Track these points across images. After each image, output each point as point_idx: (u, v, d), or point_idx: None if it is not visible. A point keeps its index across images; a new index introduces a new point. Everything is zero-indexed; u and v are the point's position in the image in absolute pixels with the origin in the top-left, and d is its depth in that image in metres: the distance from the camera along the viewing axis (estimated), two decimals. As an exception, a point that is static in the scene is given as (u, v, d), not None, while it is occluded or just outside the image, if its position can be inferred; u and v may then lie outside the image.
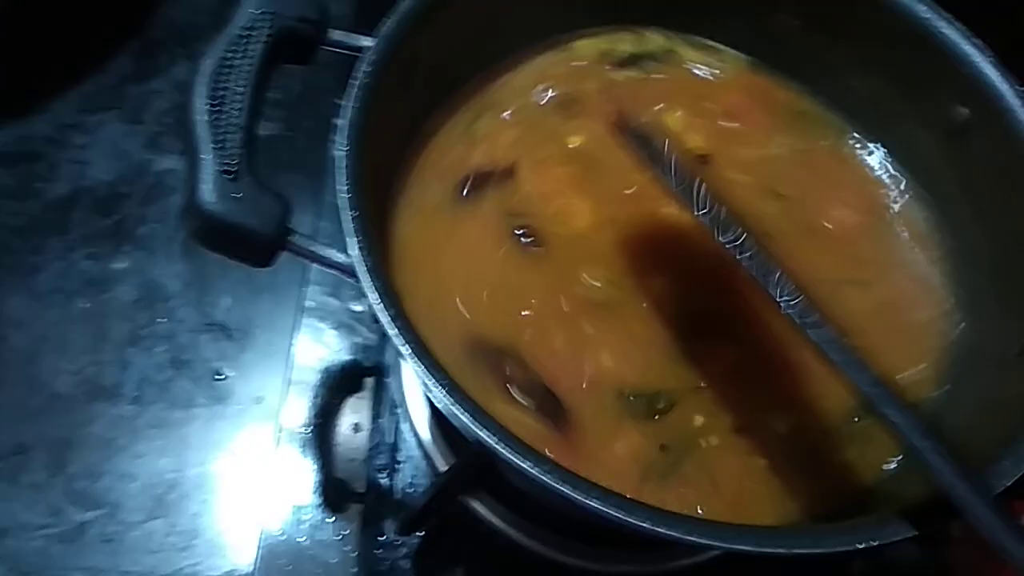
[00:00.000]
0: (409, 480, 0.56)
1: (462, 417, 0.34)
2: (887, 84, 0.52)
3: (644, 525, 0.33)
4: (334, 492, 0.55)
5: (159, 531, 0.56)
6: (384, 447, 0.57)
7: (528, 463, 0.34)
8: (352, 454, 0.58)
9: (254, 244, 0.37)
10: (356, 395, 0.60)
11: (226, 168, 0.36)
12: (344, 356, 0.61)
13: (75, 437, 0.59)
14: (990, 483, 0.36)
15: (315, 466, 0.57)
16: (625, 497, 0.34)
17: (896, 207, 0.53)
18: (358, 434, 0.58)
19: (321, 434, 0.58)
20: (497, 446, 0.34)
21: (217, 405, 0.61)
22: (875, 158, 0.54)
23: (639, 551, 0.54)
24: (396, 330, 0.36)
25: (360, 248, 0.37)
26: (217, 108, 0.37)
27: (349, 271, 0.38)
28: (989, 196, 0.47)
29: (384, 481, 0.56)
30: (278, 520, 0.55)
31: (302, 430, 0.58)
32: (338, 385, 0.60)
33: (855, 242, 0.51)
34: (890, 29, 0.50)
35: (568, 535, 0.53)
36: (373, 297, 0.36)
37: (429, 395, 0.36)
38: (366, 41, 0.43)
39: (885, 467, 0.44)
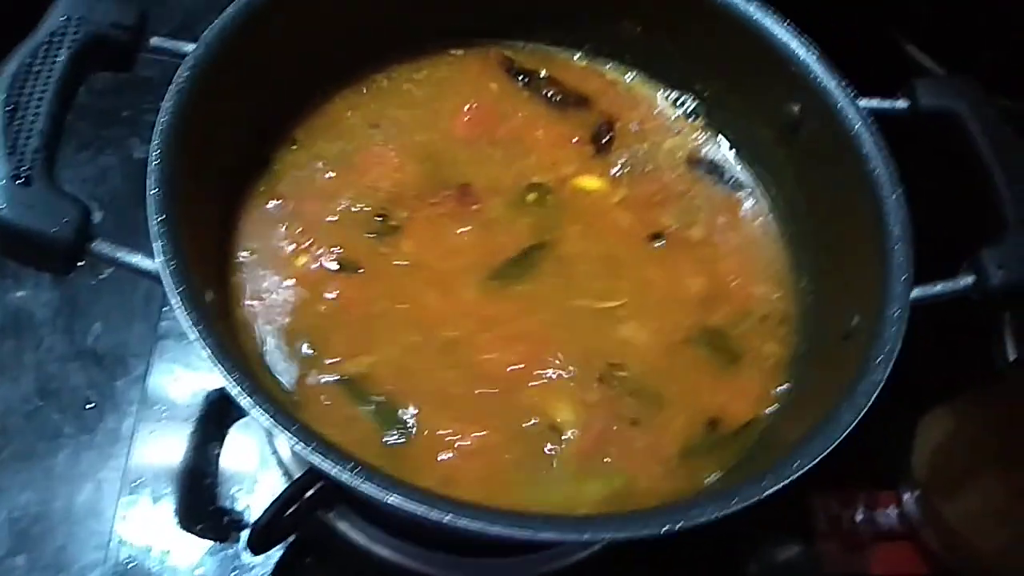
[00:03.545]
0: (268, 501, 0.54)
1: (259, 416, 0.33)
2: (727, 85, 0.53)
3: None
4: (191, 517, 0.53)
5: (21, 567, 0.54)
6: (244, 468, 0.56)
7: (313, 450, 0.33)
8: (211, 477, 0.56)
9: (48, 251, 0.36)
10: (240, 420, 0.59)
11: (18, 174, 0.36)
12: (204, 380, 0.59)
13: (-66, 473, 0.56)
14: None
15: (172, 492, 0.55)
16: (430, 494, 0.34)
17: (745, 201, 0.54)
18: (218, 457, 0.56)
19: (185, 460, 0.56)
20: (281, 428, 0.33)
21: (84, 435, 0.59)
22: (721, 153, 0.55)
23: (511, 556, 0.53)
24: (197, 333, 0.35)
25: (165, 254, 0.36)
26: (11, 113, 0.36)
27: (157, 277, 0.37)
28: (820, 187, 0.48)
29: (242, 503, 0.54)
30: (131, 549, 0.53)
31: (159, 458, 0.56)
32: (208, 409, 0.59)
33: (707, 236, 0.52)
34: (724, 31, 0.51)
35: (436, 548, 0.52)
36: (175, 302, 0.35)
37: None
38: (188, 47, 0.43)
39: (706, 480, 0.44)
